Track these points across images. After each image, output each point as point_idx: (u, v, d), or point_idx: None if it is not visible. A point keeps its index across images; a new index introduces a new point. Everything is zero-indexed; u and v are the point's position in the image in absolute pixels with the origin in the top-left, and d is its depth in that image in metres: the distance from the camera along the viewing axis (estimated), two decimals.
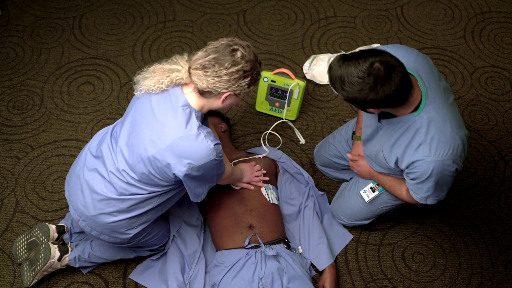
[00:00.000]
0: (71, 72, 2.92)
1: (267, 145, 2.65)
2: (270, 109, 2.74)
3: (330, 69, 1.67)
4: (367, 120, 2.03)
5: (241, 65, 1.75)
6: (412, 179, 1.86)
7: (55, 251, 2.16)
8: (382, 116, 1.89)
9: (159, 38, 3.07)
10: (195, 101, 1.82)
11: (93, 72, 2.92)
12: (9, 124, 2.71)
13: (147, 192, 1.91)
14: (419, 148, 1.77)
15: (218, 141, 1.82)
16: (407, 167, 1.83)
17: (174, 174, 1.83)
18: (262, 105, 2.73)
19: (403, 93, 1.66)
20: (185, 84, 1.83)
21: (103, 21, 3.14)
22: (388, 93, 1.61)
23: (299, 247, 2.30)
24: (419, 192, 1.89)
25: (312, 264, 2.29)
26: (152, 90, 1.83)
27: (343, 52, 2.95)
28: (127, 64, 2.96)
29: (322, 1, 3.27)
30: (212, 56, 1.75)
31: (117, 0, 3.24)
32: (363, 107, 1.70)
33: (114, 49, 3.01)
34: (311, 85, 2.89)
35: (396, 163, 1.88)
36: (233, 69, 1.74)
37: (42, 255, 2.13)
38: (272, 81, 2.61)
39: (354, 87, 1.61)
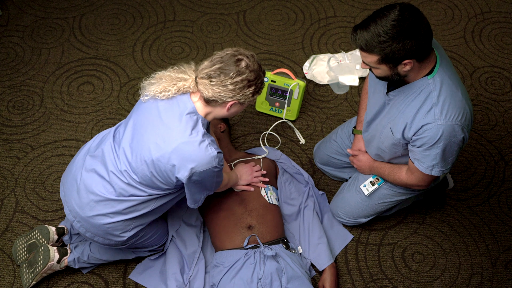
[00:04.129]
0: (71, 72, 2.92)
1: (267, 145, 2.65)
2: (270, 109, 2.74)
3: (355, 37, 1.70)
4: (373, 99, 2.05)
5: (246, 74, 1.79)
6: (419, 147, 1.86)
7: (54, 253, 2.16)
8: (390, 89, 1.93)
9: (159, 38, 3.07)
10: (201, 109, 1.86)
11: (93, 72, 2.92)
12: (9, 124, 2.71)
13: (146, 194, 1.92)
14: (430, 111, 1.79)
15: (221, 150, 1.86)
16: (415, 133, 1.84)
17: (176, 178, 1.85)
18: (262, 105, 2.73)
19: (431, 38, 1.70)
20: (193, 92, 1.86)
21: (103, 21, 3.14)
22: (424, 33, 1.65)
23: (299, 247, 2.30)
24: (426, 161, 1.89)
25: (312, 264, 2.29)
26: (158, 96, 1.86)
27: (342, 52, 2.95)
28: (127, 64, 2.96)
29: (322, 1, 3.27)
30: (217, 66, 1.79)
31: (117, 0, 3.24)
32: (401, 58, 1.69)
33: (114, 49, 3.02)
34: (311, 85, 2.89)
35: (404, 132, 1.88)
36: (238, 78, 1.78)
37: (42, 257, 2.13)
38: (272, 81, 2.61)
39: (390, 31, 1.63)
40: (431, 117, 1.79)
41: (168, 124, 1.83)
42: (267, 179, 2.37)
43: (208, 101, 1.83)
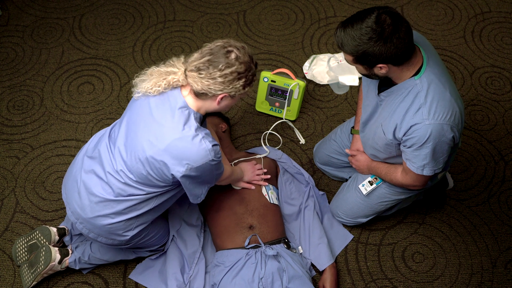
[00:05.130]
0: (71, 72, 2.92)
1: (267, 145, 2.65)
2: (270, 109, 2.74)
3: (335, 35, 1.75)
4: (366, 100, 2.07)
5: (235, 66, 1.75)
6: (409, 147, 1.88)
7: (55, 254, 2.15)
8: (381, 89, 1.94)
9: (159, 38, 3.07)
10: (193, 103, 1.83)
11: (93, 72, 2.92)
12: (9, 124, 2.71)
13: (144, 193, 1.91)
14: (418, 111, 1.80)
15: (216, 142, 1.82)
16: (405, 133, 1.85)
17: (172, 174, 1.83)
18: (262, 105, 2.73)
19: (409, 45, 1.72)
20: (183, 86, 1.84)
21: (103, 21, 3.14)
22: (397, 42, 1.67)
23: (300, 247, 2.30)
24: (416, 161, 1.90)
25: (312, 264, 2.29)
26: (149, 93, 1.84)
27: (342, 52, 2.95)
28: (127, 64, 2.96)
29: (322, 1, 3.27)
30: (206, 58, 1.75)
31: (117, 0, 3.24)
32: (374, 62, 1.73)
33: (114, 49, 3.02)
34: (311, 85, 2.89)
35: (394, 132, 1.89)
36: (227, 71, 1.74)
37: (43, 258, 2.13)
38: (272, 81, 2.61)
39: (363, 37, 1.67)
40: (419, 117, 1.80)
41: (160, 120, 1.81)
42: (269, 177, 2.37)
43: (198, 94, 1.80)
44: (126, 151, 1.87)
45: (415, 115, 1.81)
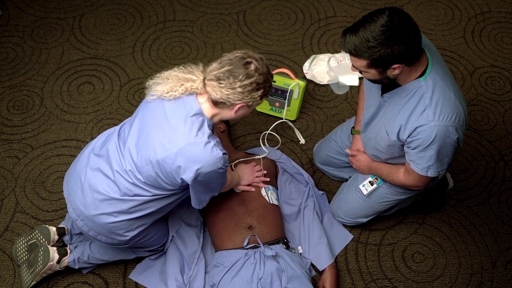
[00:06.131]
0: (71, 72, 2.92)
1: (267, 145, 2.65)
2: (270, 109, 2.74)
3: (345, 41, 1.70)
4: (369, 100, 2.06)
5: (255, 77, 1.79)
6: (414, 148, 1.87)
7: (54, 253, 2.16)
8: (385, 90, 1.93)
9: (159, 38, 3.07)
10: (208, 110, 1.86)
11: (93, 72, 2.92)
12: (9, 124, 2.71)
13: (151, 194, 1.92)
14: (423, 113, 1.79)
15: (226, 152, 1.86)
16: (409, 135, 1.84)
17: (181, 178, 1.85)
18: (262, 105, 2.73)
19: (420, 41, 1.71)
20: (200, 93, 1.86)
21: (103, 21, 3.14)
22: (413, 37, 1.66)
23: (299, 247, 2.30)
24: (421, 162, 1.89)
25: (312, 264, 2.29)
26: (165, 96, 1.85)
27: (342, 52, 2.95)
28: (127, 64, 2.96)
29: (322, 1, 3.27)
30: (226, 68, 1.78)
31: (117, 0, 3.24)
32: (390, 63, 1.70)
33: (114, 49, 3.02)
34: (311, 85, 2.89)
35: (398, 133, 1.89)
36: (247, 81, 1.78)
37: (41, 257, 2.13)
38: (272, 81, 2.61)
39: (379, 37, 1.64)
40: (425, 119, 1.79)
41: (174, 125, 1.83)
42: (268, 179, 2.37)
43: (216, 103, 1.83)
44: (137, 152, 1.88)
45: (420, 116, 1.80)
